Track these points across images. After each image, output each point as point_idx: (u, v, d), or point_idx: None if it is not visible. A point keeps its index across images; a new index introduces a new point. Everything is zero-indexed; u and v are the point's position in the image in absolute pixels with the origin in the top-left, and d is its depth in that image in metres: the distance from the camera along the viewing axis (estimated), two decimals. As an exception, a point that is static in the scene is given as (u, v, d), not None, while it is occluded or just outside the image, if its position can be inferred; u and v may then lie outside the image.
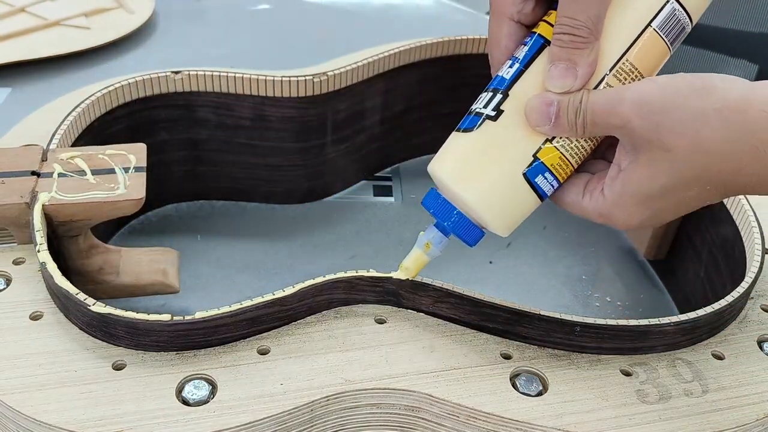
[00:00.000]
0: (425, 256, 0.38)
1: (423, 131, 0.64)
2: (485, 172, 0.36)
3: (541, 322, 0.38)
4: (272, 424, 0.34)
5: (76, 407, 0.33)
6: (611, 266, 0.56)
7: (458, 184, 0.36)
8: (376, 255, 0.56)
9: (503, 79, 0.37)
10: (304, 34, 0.88)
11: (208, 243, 0.55)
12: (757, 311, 0.42)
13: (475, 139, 0.36)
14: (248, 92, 0.53)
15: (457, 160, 0.37)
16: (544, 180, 0.36)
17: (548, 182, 0.36)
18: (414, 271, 0.39)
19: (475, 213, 0.36)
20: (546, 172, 0.36)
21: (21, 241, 0.42)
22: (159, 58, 0.80)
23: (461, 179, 0.36)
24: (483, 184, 0.36)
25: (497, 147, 0.36)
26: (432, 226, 0.38)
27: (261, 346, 0.37)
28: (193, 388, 0.35)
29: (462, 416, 0.36)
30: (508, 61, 0.37)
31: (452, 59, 0.60)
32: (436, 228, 0.38)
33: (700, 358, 0.39)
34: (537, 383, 0.37)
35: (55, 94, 0.54)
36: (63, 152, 0.44)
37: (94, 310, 0.35)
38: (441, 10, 0.99)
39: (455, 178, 0.36)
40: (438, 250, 0.38)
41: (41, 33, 0.78)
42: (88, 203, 0.41)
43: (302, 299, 0.38)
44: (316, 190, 0.59)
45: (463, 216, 0.36)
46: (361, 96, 0.57)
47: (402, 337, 0.39)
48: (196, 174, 0.57)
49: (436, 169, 0.37)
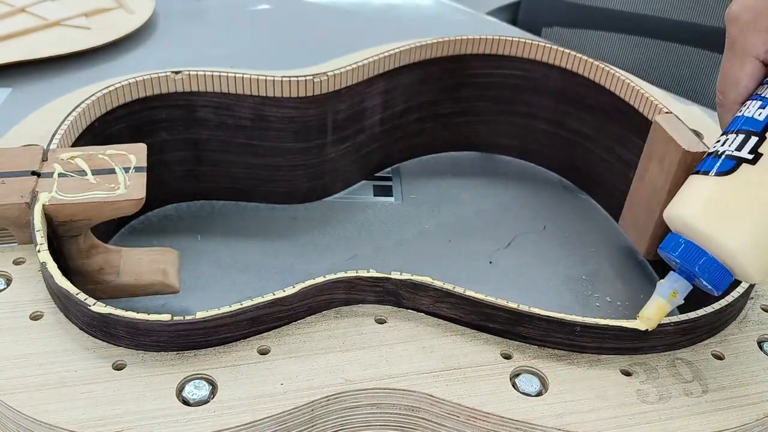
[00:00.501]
0: (669, 306, 0.37)
1: (423, 131, 0.64)
2: (747, 217, 0.35)
3: (541, 322, 0.38)
4: (272, 424, 0.34)
5: (76, 407, 0.33)
6: (611, 266, 0.56)
7: (716, 229, 0.35)
8: (376, 255, 0.56)
9: (756, 120, 0.35)
10: (304, 34, 0.89)
11: (208, 243, 0.55)
12: (757, 311, 0.42)
13: (733, 182, 0.35)
14: (248, 92, 0.53)
15: (712, 204, 0.36)
16: None
17: None
18: (656, 321, 0.37)
19: (732, 258, 0.35)
20: None
21: (21, 241, 0.42)
22: (159, 58, 0.80)
23: (719, 224, 0.35)
24: (746, 228, 0.34)
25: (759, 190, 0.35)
26: (674, 273, 0.37)
27: (261, 346, 0.37)
28: (194, 388, 0.35)
29: (462, 416, 0.36)
30: (755, 102, 0.36)
31: (452, 59, 0.60)
32: (678, 274, 0.36)
33: (700, 358, 0.39)
34: (537, 383, 0.37)
35: (55, 94, 0.54)
36: (63, 152, 0.44)
37: (94, 310, 0.35)
38: (441, 10, 0.99)
39: (710, 222, 0.35)
40: (682, 298, 0.37)
41: (41, 33, 0.78)
42: (88, 203, 0.41)
43: (302, 299, 0.38)
44: (316, 190, 0.59)
45: (714, 260, 0.35)
46: (361, 96, 0.57)
47: (402, 337, 0.39)
48: (196, 174, 0.57)
49: (684, 214, 0.36)
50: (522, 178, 0.65)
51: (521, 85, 0.62)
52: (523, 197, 0.63)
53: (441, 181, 0.64)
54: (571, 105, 0.61)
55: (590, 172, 0.62)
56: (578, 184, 0.64)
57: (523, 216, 0.61)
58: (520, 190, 0.64)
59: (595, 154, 0.61)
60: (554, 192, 0.64)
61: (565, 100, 0.61)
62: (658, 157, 0.52)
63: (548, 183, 0.65)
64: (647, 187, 0.53)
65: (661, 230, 0.53)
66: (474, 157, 0.67)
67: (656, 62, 1.04)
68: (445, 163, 0.66)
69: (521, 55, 0.60)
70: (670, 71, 1.04)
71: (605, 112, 0.58)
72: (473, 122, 0.65)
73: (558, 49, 0.59)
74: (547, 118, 0.63)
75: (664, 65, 1.05)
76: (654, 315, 0.37)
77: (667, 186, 0.51)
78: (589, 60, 0.58)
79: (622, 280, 0.55)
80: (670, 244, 0.36)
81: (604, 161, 0.60)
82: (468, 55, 0.60)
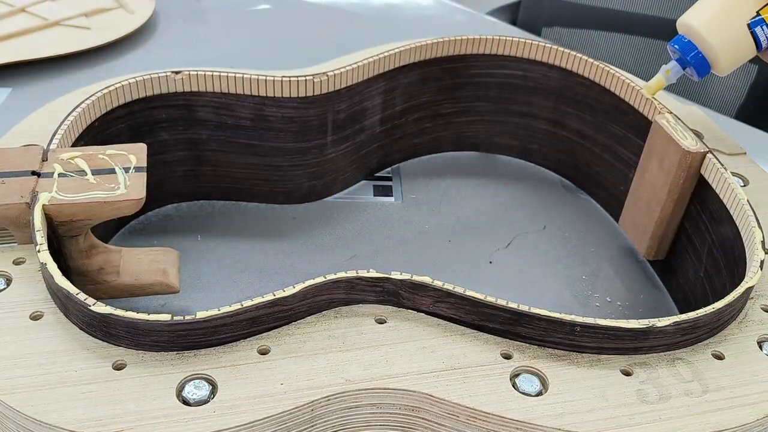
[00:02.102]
0: (664, 80, 0.53)
1: (423, 131, 0.64)
2: (725, 23, 0.50)
3: (541, 322, 0.38)
4: (272, 424, 0.34)
5: (76, 407, 0.33)
6: (611, 266, 0.56)
7: (707, 31, 0.50)
8: (376, 255, 0.56)
9: None
10: (304, 34, 0.89)
11: (208, 243, 0.55)
12: (757, 311, 0.42)
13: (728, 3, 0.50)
14: (248, 92, 0.53)
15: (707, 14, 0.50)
16: (762, 31, 0.49)
17: (765, 34, 0.49)
18: (654, 90, 0.53)
19: (713, 53, 0.50)
20: (764, 25, 0.49)
21: (21, 241, 0.42)
22: (159, 58, 0.80)
23: (708, 27, 0.50)
24: (723, 31, 0.50)
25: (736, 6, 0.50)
26: (673, 61, 0.53)
27: (261, 346, 0.37)
28: (194, 388, 0.35)
29: (462, 416, 0.36)
30: None
31: (452, 59, 0.60)
32: (676, 62, 0.52)
33: (700, 358, 0.39)
34: (537, 383, 0.37)
35: (55, 94, 0.54)
36: (63, 152, 0.44)
37: (94, 310, 0.35)
38: (441, 10, 0.99)
39: (705, 26, 0.50)
40: (674, 77, 0.52)
41: (41, 33, 0.78)
42: (88, 203, 0.41)
43: (302, 299, 0.38)
44: (316, 190, 0.59)
45: (701, 53, 0.51)
46: (360, 96, 0.57)
47: (402, 337, 0.39)
48: (196, 174, 0.57)
49: (691, 19, 0.51)
50: (522, 178, 0.65)
51: (521, 85, 0.62)
52: (523, 197, 0.63)
53: (441, 181, 0.64)
54: (571, 105, 0.61)
55: (590, 172, 0.62)
56: (578, 184, 0.64)
57: (523, 216, 0.61)
58: (520, 190, 0.64)
59: (595, 154, 0.61)
60: (554, 192, 0.64)
61: (565, 100, 0.61)
62: (658, 157, 0.52)
63: (548, 183, 0.65)
64: (647, 187, 0.53)
65: (661, 230, 0.53)
66: (474, 157, 0.67)
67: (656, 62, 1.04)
68: (445, 163, 0.66)
69: (521, 55, 0.60)
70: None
71: (605, 112, 0.58)
72: (473, 122, 0.65)
73: (558, 49, 0.59)
74: (547, 118, 0.63)
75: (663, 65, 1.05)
76: (653, 84, 0.53)
77: (667, 186, 0.51)
78: (589, 60, 0.58)
79: (622, 280, 0.55)
80: (677, 41, 0.52)
81: (604, 161, 0.60)
82: (468, 55, 0.60)
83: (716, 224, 0.48)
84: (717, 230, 0.48)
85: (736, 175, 0.52)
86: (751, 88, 0.98)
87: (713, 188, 0.48)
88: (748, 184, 0.52)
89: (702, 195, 0.50)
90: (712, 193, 0.48)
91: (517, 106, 0.63)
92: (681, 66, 0.52)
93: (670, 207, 0.51)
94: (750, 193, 0.50)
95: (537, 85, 0.61)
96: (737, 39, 0.50)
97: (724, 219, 0.47)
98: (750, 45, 0.50)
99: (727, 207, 0.47)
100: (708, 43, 0.50)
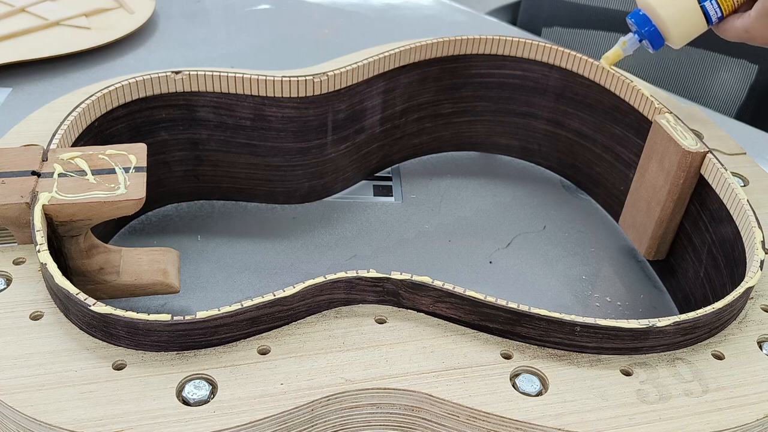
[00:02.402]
0: (621, 52, 0.56)
1: (423, 131, 0.64)
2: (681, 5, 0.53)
3: (541, 322, 0.38)
4: (272, 424, 0.34)
5: (76, 407, 0.33)
6: (611, 266, 0.56)
7: (659, 4, 0.53)
8: (376, 255, 0.56)
9: None
10: (304, 34, 0.88)
11: (208, 243, 0.55)
12: (757, 311, 0.42)
13: None
14: (248, 92, 0.53)
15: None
16: (711, 6, 0.52)
17: (714, 9, 0.52)
18: (612, 60, 0.57)
19: (665, 26, 0.53)
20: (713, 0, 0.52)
21: (21, 241, 0.42)
22: (159, 58, 0.80)
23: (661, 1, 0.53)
24: (674, 5, 0.53)
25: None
26: (630, 33, 0.56)
27: (261, 346, 0.37)
28: (193, 388, 0.35)
29: (462, 416, 0.36)
30: None
31: (452, 59, 0.60)
32: (633, 34, 0.56)
33: (700, 358, 0.39)
34: (537, 383, 0.37)
35: (55, 94, 0.54)
36: (63, 152, 0.44)
37: (94, 310, 0.35)
38: (441, 10, 0.99)
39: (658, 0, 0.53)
40: (630, 49, 0.56)
41: (41, 33, 0.78)
42: (88, 203, 0.41)
43: (302, 299, 0.38)
44: (316, 190, 0.59)
45: (655, 27, 0.54)
46: (360, 96, 0.57)
47: (402, 337, 0.39)
48: (196, 174, 0.57)
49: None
50: (522, 178, 0.65)
51: (521, 85, 0.62)
52: (523, 197, 0.63)
53: (441, 181, 0.64)
54: (571, 105, 0.61)
55: (590, 172, 0.62)
56: (578, 184, 0.64)
57: (523, 216, 0.61)
58: (520, 190, 0.64)
59: (594, 154, 0.61)
60: (554, 192, 0.64)
61: (565, 100, 0.61)
62: (658, 157, 0.52)
63: (548, 183, 0.65)
64: (647, 187, 0.53)
65: (661, 230, 0.53)
66: (474, 157, 0.67)
67: (656, 62, 1.04)
68: (445, 163, 0.66)
69: (521, 55, 0.60)
70: (670, 71, 1.04)
71: (605, 112, 0.59)
72: (473, 122, 0.65)
73: (558, 49, 0.59)
74: (547, 118, 0.63)
75: (664, 65, 1.05)
76: (611, 55, 0.57)
77: (667, 186, 0.51)
78: (589, 60, 0.58)
79: (622, 280, 0.55)
80: (633, 14, 0.55)
81: (604, 161, 0.60)
82: (468, 55, 0.60)
83: (716, 224, 0.48)
84: (717, 230, 0.48)
85: (736, 175, 0.52)
86: (751, 88, 0.98)
87: (713, 188, 0.48)
88: (748, 184, 0.52)
89: (702, 195, 0.50)
90: (712, 193, 0.48)
91: (517, 106, 0.63)
92: (638, 39, 0.56)
93: (670, 207, 0.51)
94: (750, 193, 0.50)
95: (537, 85, 0.61)
96: (688, 13, 0.53)
97: (724, 219, 0.47)
98: (700, 19, 0.53)
99: (727, 207, 0.47)
100: (660, 17, 0.53)
